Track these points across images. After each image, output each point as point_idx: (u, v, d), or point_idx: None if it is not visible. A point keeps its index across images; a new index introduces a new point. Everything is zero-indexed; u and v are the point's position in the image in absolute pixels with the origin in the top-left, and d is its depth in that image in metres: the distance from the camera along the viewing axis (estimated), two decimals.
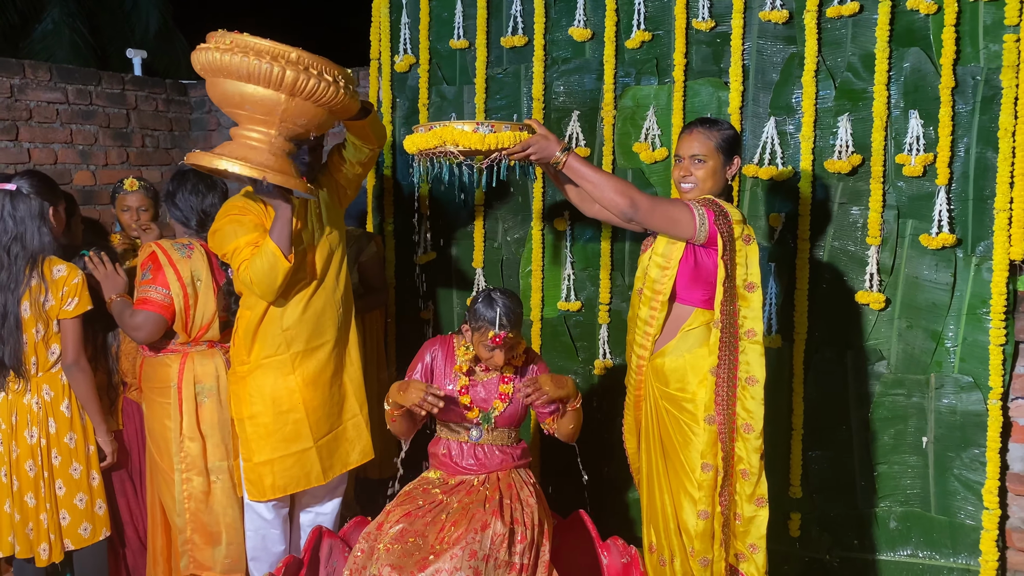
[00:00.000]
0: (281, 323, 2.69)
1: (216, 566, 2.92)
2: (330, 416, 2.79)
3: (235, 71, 2.30)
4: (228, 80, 2.35)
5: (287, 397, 2.71)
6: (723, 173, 2.42)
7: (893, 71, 2.91)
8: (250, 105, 2.36)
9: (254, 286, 2.58)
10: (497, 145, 2.24)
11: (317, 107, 2.40)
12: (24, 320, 2.69)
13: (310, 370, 2.74)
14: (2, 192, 2.72)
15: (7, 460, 2.75)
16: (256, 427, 2.71)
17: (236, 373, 2.77)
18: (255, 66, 2.27)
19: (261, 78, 2.29)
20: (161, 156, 4.43)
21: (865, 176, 2.98)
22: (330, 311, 2.77)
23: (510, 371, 2.57)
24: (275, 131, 2.42)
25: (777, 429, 3.13)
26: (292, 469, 2.73)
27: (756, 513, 2.39)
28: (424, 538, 2.31)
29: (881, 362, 3.03)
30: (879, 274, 2.98)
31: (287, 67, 2.29)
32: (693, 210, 2.32)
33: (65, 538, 2.79)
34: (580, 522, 2.75)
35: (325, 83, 2.35)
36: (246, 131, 2.45)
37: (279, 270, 2.54)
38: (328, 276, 2.77)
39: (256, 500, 2.77)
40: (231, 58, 2.29)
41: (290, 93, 2.33)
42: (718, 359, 2.36)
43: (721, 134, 2.40)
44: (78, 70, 4.05)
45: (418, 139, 2.33)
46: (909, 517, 3.05)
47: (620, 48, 3.31)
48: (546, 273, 3.51)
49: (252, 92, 2.33)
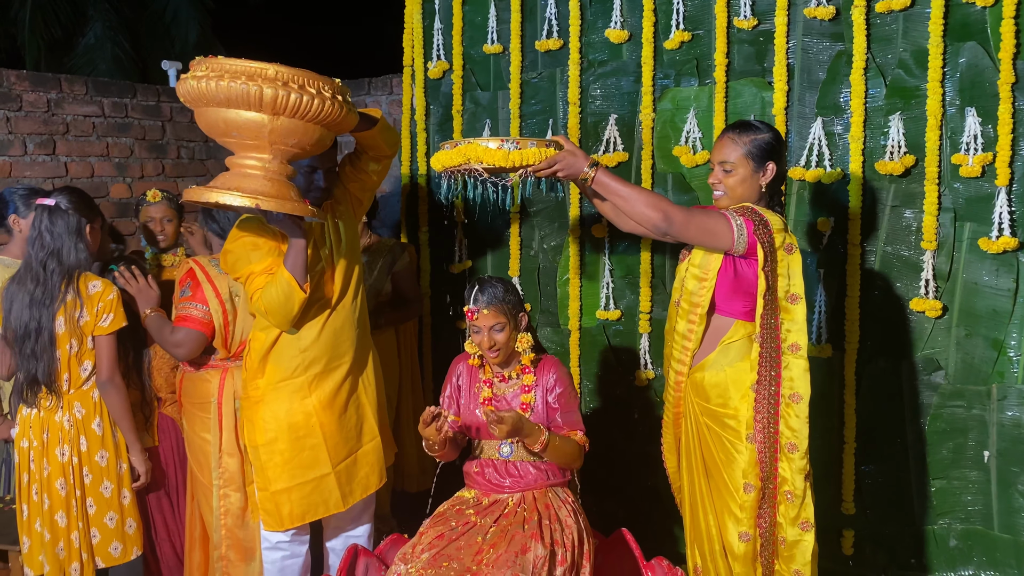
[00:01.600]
0: (299, 344, 2.58)
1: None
2: (348, 440, 2.67)
3: (213, 97, 2.17)
4: (210, 108, 2.22)
5: (304, 422, 2.61)
6: (755, 180, 2.31)
7: (948, 67, 2.77)
8: (236, 131, 2.23)
9: (269, 316, 2.51)
10: (522, 162, 2.17)
11: (306, 124, 2.24)
12: (58, 336, 2.68)
13: (327, 392, 2.62)
14: (41, 207, 2.71)
15: (38, 478, 2.73)
16: (272, 454, 2.61)
17: (249, 398, 2.66)
18: (231, 89, 2.14)
19: (240, 100, 2.16)
20: (196, 167, 4.43)
21: (919, 177, 2.84)
22: (348, 330, 2.66)
23: (530, 379, 2.50)
24: (268, 155, 2.28)
25: (828, 442, 3.01)
26: (311, 496, 2.62)
27: (801, 537, 2.27)
28: (460, 562, 2.23)
29: (938, 372, 2.89)
30: (935, 280, 2.84)
31: (264, 85, 2.14)
32: (731, 220, 2.22)
33: (96, 556, 2.76)
34: (623, 541, 2.65)
35: (308, 96, 2.18)
36: (240, 159, 2.32)
37: (295, 300, 2.46)
38: (347, 294, 2.67)
39: (273, 530, 2.66)
40: (207, 84, 2.15)
41: (272, 112, 2.18)
42: (758, 375, 2.25)
43: (752, 140, 2.29)
44: (114, 83, 4.06)
45: (443, 157, 2.26)
46: (970, 535, 2.90)
47: (658, 49, 3.21)
48: (584, 281, 3.42)
49: (235, 117, 2.20)
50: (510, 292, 2.48)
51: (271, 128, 2.21)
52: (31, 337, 2.66)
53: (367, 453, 2.72)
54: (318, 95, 2.20)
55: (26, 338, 2.67)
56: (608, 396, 3.44)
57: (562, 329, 3.49)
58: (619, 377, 3.40)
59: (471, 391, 2.56)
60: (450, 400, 2.60)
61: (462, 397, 2.57)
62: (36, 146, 3.71)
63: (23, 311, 2.66)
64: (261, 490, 2.65)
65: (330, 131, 2.35)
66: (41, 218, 2.69)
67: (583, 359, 3.46)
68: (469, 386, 2.56)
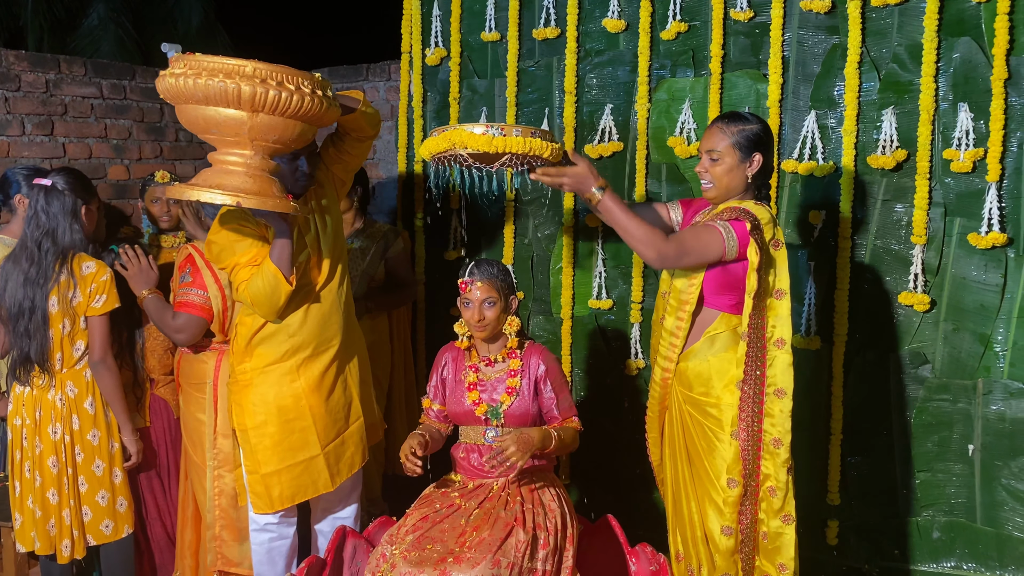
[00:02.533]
0: (287, 329, 2.60)
1: (243, 562, 2.91)
2: (336, 422, 2.69)
3: (192, 95, 2.16)
4: (190, 105, 2.21)
5: (293, 405, 2.63)
6: (741, 170, 2.31)
7: (942, 62, 2.78)
8: (216, 128, 2.23)
9: (256, 307, 2.52)
10: (505, 148, 2.15)
11: (286, 120, 2.23)
12: (51, 315, 2.70)
13: (315, 375, 2.64)
14: (37, 187, 2.73)
15: (31, 456, 2.75)
16: (262, 437, 2.62)
17: (238, 382, 2.67)
18: (209, 87, 2.13)
19: (219, 98, 2.15)
20: (194, 150, 4.44)
21: (910, 172, 2.85)
22: (335, 314, 2.68)
23: (516, 364, 2.53)
24: (249, 151, 2.27)
25: (815, 433, 3.03)
26: (300, 478, 2.65)
27: (783, 530, 2.30)
28: (443, 543, 2.26)
29: (925, 366, 2.91)
30: (924, 274, 2.86)
31: (242, 83, 2.13)
32: (721, 232, 2.22)
33: (87, 534, 2.79)
34: (608, 527, 2.67)
35: (287, 93, 2.17)
36: (221, 155, 2.31)
37: (280, 292, 2.47)
38: (334, 279, 2.68)
39: (263, 512, 2.68)
40: (185, 82, 2.14)
41: (252, 109, 2.17)
42: (744, 373, 2.27)
43: (740, 131, 2.29)
44: (112, 64, 4.06)
45: (431, 143, 2.26)
46: (953, 527, 2.92)
47: (655, 39, 3.22)
48: (577, 271, 3.44)
49: (214, 114, 2.19)
50: (505, 273, 2.54)
51: (251, 125, 2.20)
52: (25, 316, 2.68)
53: (352, 434, 2.74)
54: (297, 91, 2.19)
55: (20, 316, 2.69)
56: (598, 384, 3.46)
57: (554, 317, 3.51)
58: (610, 366, 3.42)
59: (456, 379, 2.58)
60: (436, 391, 2.64)
61: (447, 388, 2.61)
62: (34, 126, 3.71)
63: (17, 290, 2.68)
64: (251, 473, 2.66)
65: (311, 125, 2.33)
66: (37, 198, 2.71)
67: (574, 347, 3.47)
68: (455, 374, 2.59)
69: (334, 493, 2.77)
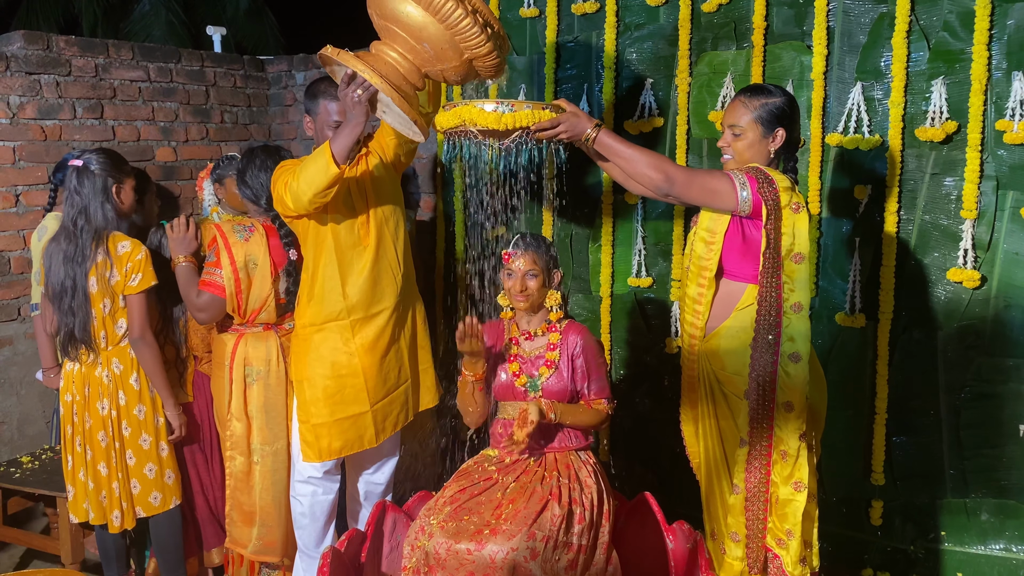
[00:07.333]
0: (340, 288, 2.68)
1: (249, 546, 2.98)
2: (387, 382, 2.78)
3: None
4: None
5: (347, 362, 2.71)
6: (763, 145, 2.27)
7: (995, 29, 2.68)
8: (400, 24, 2.20)
9: (299, 183, 2.46)
10: (514, 124, 2.15)
11: (455, 51, 2.20)
12: (92, 295, 2.77)
13: (369, 337, 2.73)
14: (71, 168, 2.79)
15: (81, 430, 2.84)
16: (315, 389, 2.71)
17: (298, 335, 2.79)
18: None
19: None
20: (240, 132, 4.50)
21: (960, 144, 2.76)
22: (387, 278, 2.75)
23: (556, 338, 2.54)
24: (412, 57, 2.27)
25: (859, 412, 2.97)
26: (348, 432, 2.73)
27: (793, 497, 2.25)
28: (480, 515, 2.28)
29: (975, 345, 2.83)
30: (974, 250, 2.77)
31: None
32: (734, 180, 2.20)
33: (136, 506, 2.87)
34: (646, 504, 2.67)
35: (471, 21, 2.14)
36: (386, 46, 2.29)
37: (328, 174, 2.41)
38: (384, 243, 2.74)
39: (311, 461, 2.75)
40: None
41: (443, 23, 2.15)
42: (755, 333, 2.23)
43: (763, 104, 2.25)
44: (159, 48, 4.13)
45: (442, 118, 2.26)
46: (1003, 509, 2.85)
47: (696, 12, 3.16)
48: (616, 248, 3.41)
49: (407, 11, 2.16)
50: (549, 247, 2.56)
51: (433, 36, 2.19)
52: (68, 294, 2.76)
53: (400, 395, 2.84)
54: (483, 28, 2.17)
55: (63, 294, 2.76)
56: (638, 362, 3.44)
57: (593, 296, 3.50)
58: (650, 344, 3.40)
59: (496, 353, 2.60)
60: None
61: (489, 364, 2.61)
62: (85, 110, 3.80)
63: (59, 268, 2.76)
64: (302, 422, 2.75)
65: (469, 71, 2.31)
66: (72, 178, 2.78)
67: (614, 326, 3.46)
68: (495, 348, 2.60)
69: (375, 451, 2.86)
